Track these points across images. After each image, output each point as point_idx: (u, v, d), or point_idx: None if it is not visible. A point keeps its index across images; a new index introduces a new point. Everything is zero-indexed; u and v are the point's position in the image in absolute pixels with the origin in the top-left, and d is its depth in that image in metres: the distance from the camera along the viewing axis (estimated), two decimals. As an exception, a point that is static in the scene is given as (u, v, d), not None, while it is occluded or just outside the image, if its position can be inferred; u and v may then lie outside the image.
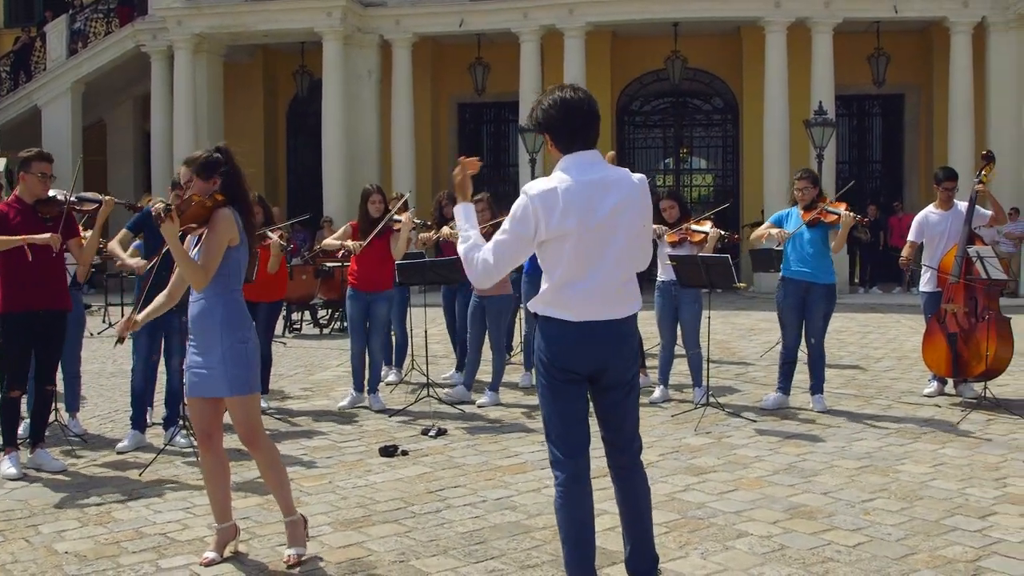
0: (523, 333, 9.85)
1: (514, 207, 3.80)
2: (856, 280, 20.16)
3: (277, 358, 11.70)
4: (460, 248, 3.95)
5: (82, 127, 22.66)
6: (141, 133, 24.19)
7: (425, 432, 7.46)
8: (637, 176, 3.92)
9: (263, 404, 8.53)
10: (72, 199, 6.65)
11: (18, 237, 6.23)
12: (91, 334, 13.10)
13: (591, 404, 4.01)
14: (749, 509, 5.40)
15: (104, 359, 11.75)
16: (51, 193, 6.58)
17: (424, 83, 22.47)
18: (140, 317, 4.89)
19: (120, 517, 5.55)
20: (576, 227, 3.73)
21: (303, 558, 4.66)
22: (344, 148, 20.72)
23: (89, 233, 6.98)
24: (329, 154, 20.65)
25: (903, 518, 5.21)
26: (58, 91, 22.10)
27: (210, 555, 4.71)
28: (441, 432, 7.45)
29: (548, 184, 3.77)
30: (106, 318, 15.02)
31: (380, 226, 8.32)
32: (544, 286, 3.87)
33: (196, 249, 4.66)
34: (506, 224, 3.82)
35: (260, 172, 22.87)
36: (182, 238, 4.59)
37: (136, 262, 7.23)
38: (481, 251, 3.86)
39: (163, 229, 4.49)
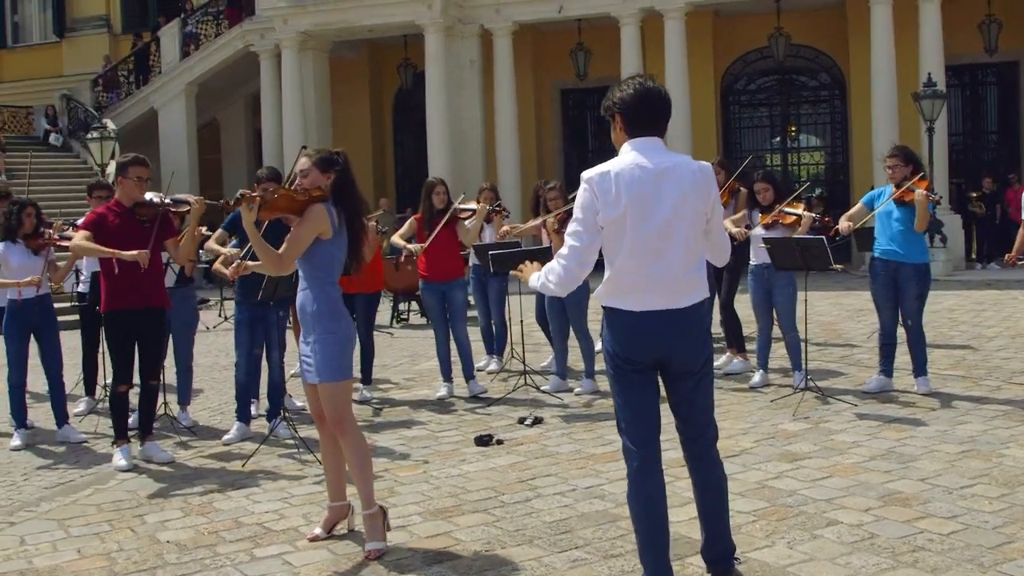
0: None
1: (578, 196, 3.82)
2: (973, 256, 19.46)
3: (383, 349, 11.93)
4: (543, 286, 3.99)
5: (196, 127, 23.41)
6: (253, 131, 24.84)
7: (521, 421, 7.52)
8: (700, 164, 3.88)
9: (366, 394, 8.75)
10: (167, 201, 6.89)
11: (108, 250, 6.52)
12: (207, 328, 13.56)
13: (664, 392, 3.99)
14: (842, 496, 5.30)
15: (218, 352, 12.14)
16: (147, 196, 6.83)
17: (526, 70, 22.52)
18: (252, 263, 5.18)
19: (221, 507, 5.75)
20: (631, 213, 3.73)
21: (382, 552, 4.73)
22: (448, 138, 20.91)
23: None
24: (434, 145, 20.88)
25: (1003, 505, 5.04)
26: (173, 93, 22.87)
27: (317, 531, 4.96)
28: (537, 420, 7.50)
29: (604, 168, 3.80)
30: (222, 312, 15.47)
31: (447, 216, 8.52)
32: (606, 275, 3.87)
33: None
34: (577, 213, 3.85)
35: (368, 165, 23.28)
36: (278, 224, 4.75)
37: (228, 251, 7.40)
38: (555, 259, 3.92)
39: (242, 212, 4.80)
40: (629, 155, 3.82)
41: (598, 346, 5.63)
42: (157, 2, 25.70)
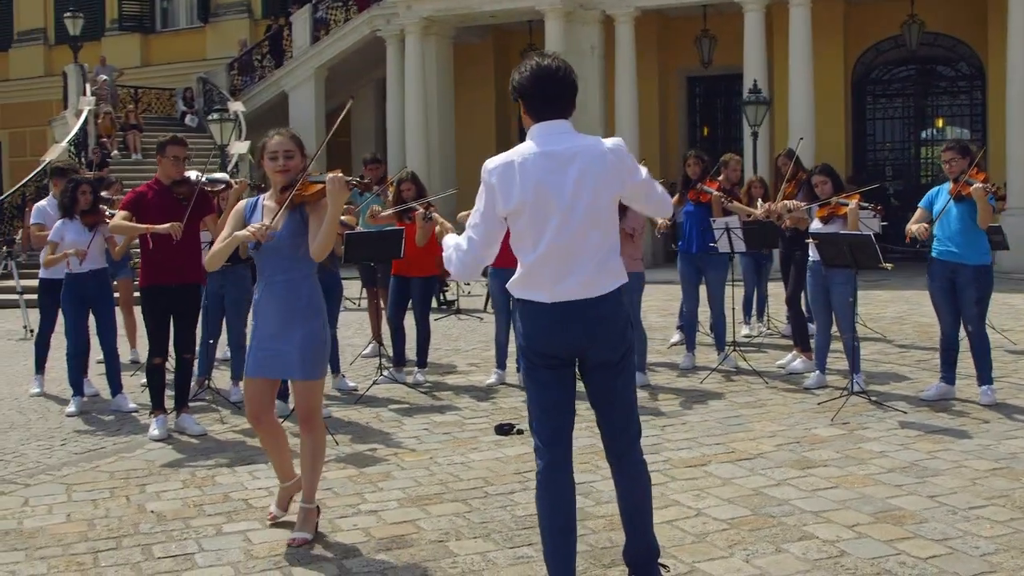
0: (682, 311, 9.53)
1: (480, 187, 3.68)
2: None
3: (461, 332, 11.97)
4: (447, 259, 3.85)
5: (326, 110, 23.92)
6: (381, 115, 25.19)
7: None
8: (610, 142, 3.67)
9: (419, 378, 8.76)
10: (203, 180, 7.04)
11: (142, 227, 6.70)
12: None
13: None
14: (833, 510, 4.98)
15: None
16: (187, 174, 6.99)
17: (650, 57, 22.12)
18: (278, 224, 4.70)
19: (221, 481, 5.84)
20: (538, 202, 3.56)
21: (306, 542, 4.67)
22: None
23: None
24: (552, 132, 20.68)
25: (1005, 531, 4.64)
26: (303, 76, 23.42)
27: (274, 510, 4.94)
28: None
29: (507, 158, 3.63)
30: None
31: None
32: (518, 267, 3.71)
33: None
34: (477, 204, 3.69)
35: (491, 150, 23.30)
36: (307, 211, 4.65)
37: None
38: (455, 248, 3.76)
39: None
40: (533, 142, 3.64)
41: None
42: (295, -13, 26.38)
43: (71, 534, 4.97)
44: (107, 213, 7.95)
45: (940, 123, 23.55)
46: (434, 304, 14.72)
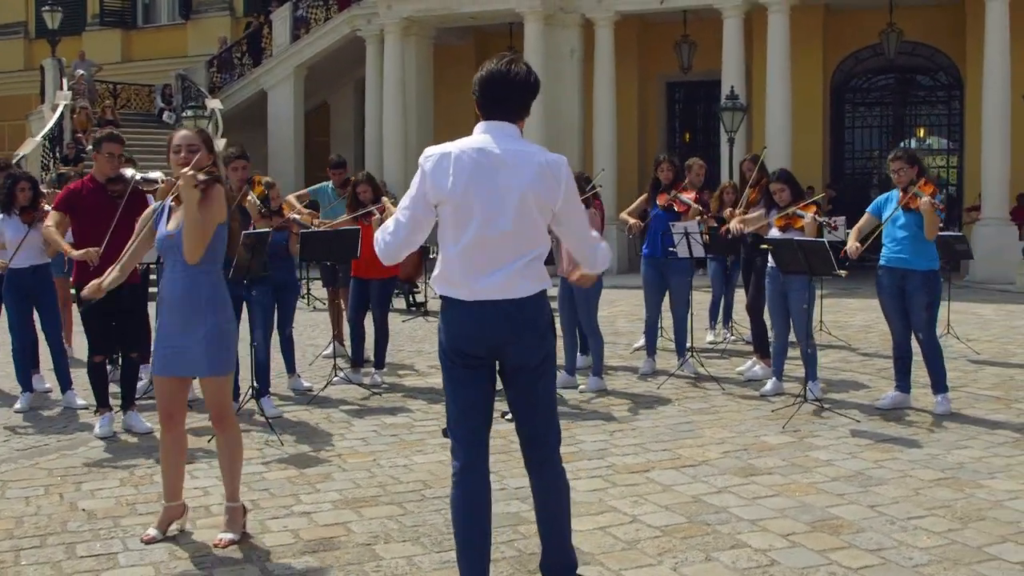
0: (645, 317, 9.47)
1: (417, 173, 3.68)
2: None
3: (427, 334, 11.89)
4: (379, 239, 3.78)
5: (305, 110, 23.82)
6: (361, 115, 25.11)
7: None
8: (551, 157, 3.64)
9: (377, 379, 8.68)
10: (138, 178, 6.93)
11: (64, 246, 6.74)
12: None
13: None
14: (771, 518, 4.93)
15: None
16: (123, 172, 6.88)
17: (630, 62, 22.11)
18: (105, 284, 4.83)
19: (159, 480, 5.68)
20: (464, 197, 3.54)
21: (234, 542, 4.60)
22: (545, 128, 20.63)
23: None
24: (529, 134, 20.60)
25: (941, 541, 4.59)
26: (282, 75, 23.31)
27: (152, 532, 4.72)
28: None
29: (445, 148, 3.62)
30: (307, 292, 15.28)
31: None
32: (438, 261, 3.66)
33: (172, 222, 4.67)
34: (410, 189, 3.68)
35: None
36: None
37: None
38: (382, 229, 3.71)
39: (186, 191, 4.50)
40: (475, 138, 3.65)
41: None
42: (276, -14, 26.26)
43: (-3, 532, 4.88)
44: (46, 209, 7.85)
45: (921, 132, 23.62)
46: (403, 305, 14.68)
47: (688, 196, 8.93)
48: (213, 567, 4.37)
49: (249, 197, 7.56)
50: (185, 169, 4.45)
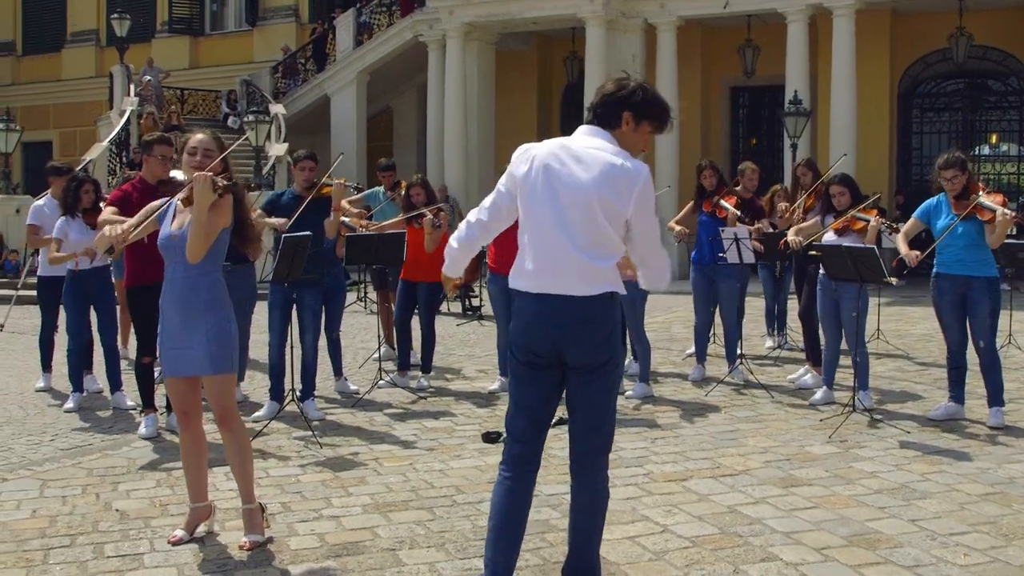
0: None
1: None
2: None
3: (479, 338, 11.86)
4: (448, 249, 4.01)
5: (368, 114, 23.99)
6: (423, 120, 25.25)
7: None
8: (630, 164, 3.59)
9: (423, 382, 8.67)
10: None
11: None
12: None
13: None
14: (806, 531, 4.79)
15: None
16: (172, 174, 6.94)
17: (694, 66, 21.90)
18: (133, 234, 4.73)
19: (195, 482, 5.77)
20: (537, 189, 3.63)
21: (259, 544, 4.60)
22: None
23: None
24: (589, 140, 20.52)
25: (982, 559, 4.42)
26: (345, 80, 23.53)
27: (179, 533, 4.72)
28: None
29: (532, 144, 3.76)
30: (364, 295, 15.39)
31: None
32: (518, 255, 3.73)
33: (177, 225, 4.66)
34: (498, 184, 3.82)
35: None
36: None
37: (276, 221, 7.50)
38: (464, 221, 3.91)
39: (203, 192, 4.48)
40: (565, 137, 3.75)
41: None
42: (341, -8, 26.54)
43: (30, 530, 4.93)
44: None
45: (994, 139, 23.05)
46: (459, 309, 14.68)
47: (729, 202, 8.80)
48: (235, 570, 4.36)
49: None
50: (201, 173, 4.46)
